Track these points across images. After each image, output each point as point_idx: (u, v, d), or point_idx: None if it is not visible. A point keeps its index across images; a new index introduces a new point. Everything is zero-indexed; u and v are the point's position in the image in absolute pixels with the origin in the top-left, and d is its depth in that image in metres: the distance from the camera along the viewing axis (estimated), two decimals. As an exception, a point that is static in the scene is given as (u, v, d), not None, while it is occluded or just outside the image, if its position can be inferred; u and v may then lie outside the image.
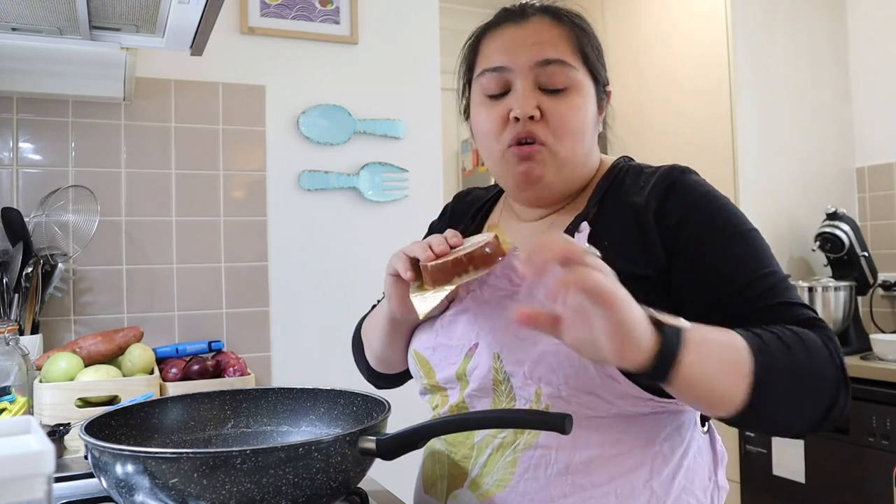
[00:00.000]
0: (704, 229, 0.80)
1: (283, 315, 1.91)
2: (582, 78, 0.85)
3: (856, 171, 2.67)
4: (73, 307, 1.71)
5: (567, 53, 0.85)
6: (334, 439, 0.69)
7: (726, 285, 0.78)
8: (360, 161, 2.00)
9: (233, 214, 1.87)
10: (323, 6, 1.97)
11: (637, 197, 0.83)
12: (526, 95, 0.83)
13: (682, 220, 0.80)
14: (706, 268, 0.79)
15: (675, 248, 0.80)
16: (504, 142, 0.85)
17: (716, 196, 0.84)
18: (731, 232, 0.80)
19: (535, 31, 0.86)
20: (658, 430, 0.80)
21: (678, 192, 0.82)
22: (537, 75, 0.84)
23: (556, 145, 0.84)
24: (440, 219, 1.09)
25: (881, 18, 2.59)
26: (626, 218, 0.82)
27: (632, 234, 0.81)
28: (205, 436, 0.90)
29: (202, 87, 1.86)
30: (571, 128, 0.84)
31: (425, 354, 0.90)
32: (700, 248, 0.79)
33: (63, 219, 1.70)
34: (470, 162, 3.68)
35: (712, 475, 0.86)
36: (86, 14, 1.16)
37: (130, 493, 0.67)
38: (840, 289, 2.29)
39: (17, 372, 1.22)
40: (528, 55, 0.84)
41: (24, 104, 1.70)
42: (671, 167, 0.86)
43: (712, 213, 0.81)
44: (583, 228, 0.83)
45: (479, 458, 0.83)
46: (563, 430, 0.67)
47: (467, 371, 0.84)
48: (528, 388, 0.79)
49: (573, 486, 0.77)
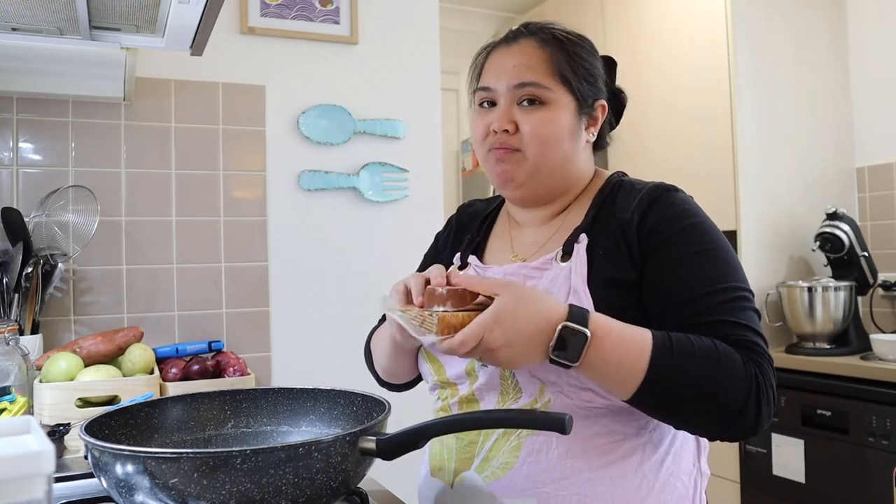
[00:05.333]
0: (674, 240, 0.88)
1: (283, 315, 1.91)
2: (558, 96, 0.95)
3: (856, 171, 2.67)
4: (73, 307, 1.71)
5: (543, 76, 0.94)
6: (334, 439, 0.69)
7: (678, 294, 0.85)
8: (360, 161, 2.00)
9: (233, 214, 1.87)
10: (323, 6, 1.97)
11: (625, 213, 0.92)
12: (503, 113, 0.95)
13: (656, 228, 0.89)
14: (666, 275, 0.87)
15: (646, 253, 0.88)
16: (486, 146, 0.97)
17: (693, 213, 0.91)
18: (697, 248, 0.88)
19: (519, 54, 0.96)
20: (647, 421, 0.88)
21: (659, 206, 0.91)
22: (515, 95, 0.95)
23: (527, 150, 0.94)
24: (445, 229, 1.17)
25: (881, 18, 2.59)
26: (615, 231, 0.91)
27: (620, 246, 0.90)
28: (205, 436, 0.90)
29: (202, 87, 1.86)
30: (542, 136, 0.94)
31: (435, 353, 0.96)
32: (665, 256, 0.87)
33: (63, 219, 1.69)
34: (470, 162, 3.68)
35: (696, 462, 0.94)
36: (86, 14, 1.16)
37: (130, 493, 0.67)
38: (840, 289, 2.29)
39: (17, 372, 1.22)
40: (507, 78, 0.95)
41: (24, 104, 1.70)
42: (657, 185, 0.94)
43: (685, 227, 0.89)
44: (581, 239, 0.92)
45: (485, 443, 0.89)
46: (563, 430, 0.68)
47: (476, 368, 0.91)
48: (532, 385, 0.87)
49: (572, 469, 0.85)
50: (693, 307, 0.84)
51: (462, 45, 3.77)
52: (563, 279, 0.90)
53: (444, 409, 0.98)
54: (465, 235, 1.10)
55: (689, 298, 0.85)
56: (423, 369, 1.00)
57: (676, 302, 0.85)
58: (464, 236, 1.10)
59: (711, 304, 0.84)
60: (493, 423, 0.78)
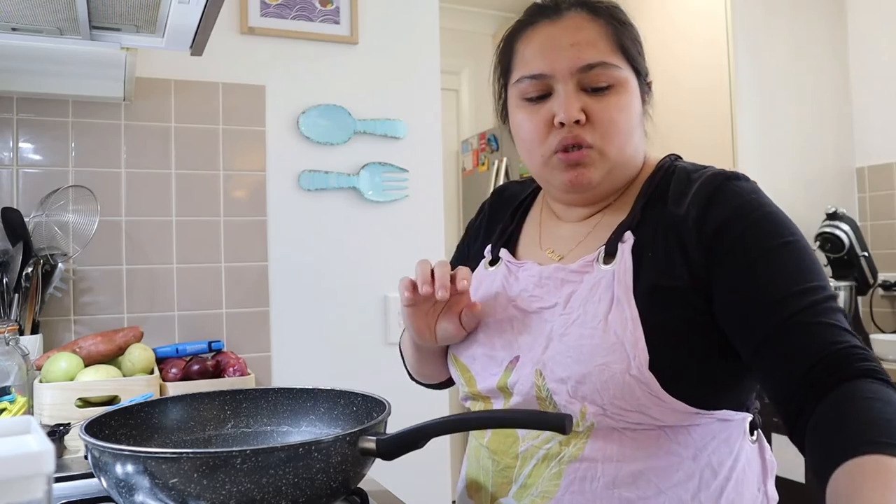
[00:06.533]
0: (748, 236, 0.75)
1: (283, 315, 1.91)
2: (626, 75, 0.82)
3: (856, 171, 2.67)
4: (73, 307, 1.71)
5: (608, 53, 0.81)
6: (334, 439, 0.69)
7: (762, 297, 0.73)
8: (360, 161, 2.00)
9: (233, 214, 1.87)
10: (323, 6, 1.97)
11: (678, 207, 0.79)
12: (570, 99, 0.80)
13: (721, 227, 0.76)
14: (742, 279, 0.74)
15: (713, 258, 0.76)
16: (549, 147, 0.83)
17: (761, 203, 0.78)
18: (777, 242, 0.75)
19: (572, 29, 0.82)
20: (706, 442, 0.78)
21: (720, 199, 0.78)
22: (579, 79, 0.81)
23: (604, 147, 0.81)
24: (477, 217, 1.06)
25: (881, 18, 2.59)
26: (667, 229, 0.79)
27: (672, 247, 0.78)
28: (205, 436, 0.90)
29: (202, 87, 1.86)
30: (619, 128, 0.81)
31: (465, 362, 0.89)
32: (741, 257, 0.75)
33: (63, 219, 1.69)
34: (470, 162, 3.68)
35: (761, 486, 0.84)
36: (86, 14, 1.16)
37: (130, 493, 0.67)
38: (840, 289, 2.29)
39: (17, 372, 1.22)
40: (567, 61, 0.80)
41: (24, 104, 1.70)
42: (716, 173, 0.81)
43: (758, 220, 0.76)
44: (626, 238, 0.80)
45: (523, 468, 0.81)
46: (562, 430, 0.67)
47: (509, 384, 0.82)
48: (572, 406, 0.77)
49: (620, 501, 0.75)
50: (781, 310, 0.71)
51: (462, 45, 3.77)
52: (605, 286, 0.79)
53: None
54: (498, 224, 0.98)
55: (777, 300, 0.72)
56: (454, 375, 0.93)
57: (763, 305, 0.72)
58: (496, 225, 0.99)
59: (802, 306, 0.71)
60: (495, 423, 0.77)
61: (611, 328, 0.76)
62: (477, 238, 1.02)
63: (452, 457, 2.19)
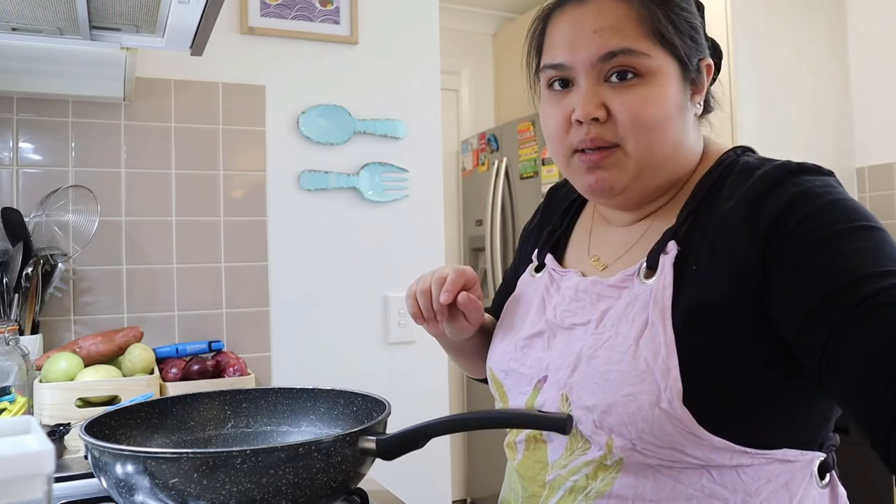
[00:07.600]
0: (804, 224, 0.64)
1: (283, 315, 1.91)
2: (659, 63, 0.72)
3: (856, 171, 2.67)
4: (73, 307, 1.71)
5: (636, 38, 0.71)
6: (334, 439, 0.69)
7: (828, 283, 0.61)
8: (360, 161, 2.00)
9: (233, 214, 1.87)
10: (323, 6, 1.97)
11: (728, 202, 0.69)
12: (588, 94, 0.72)
13: (777, 218, 0.65)
14: (803, 266, 0.63)
15: (768, 256, 0.65)
16: (569, 146, 0.75)
17: (825, 192, 0.66)
18: (842, 226, 0.63)
19: (598, 13, 0.73)
20: (759, 486, 0.67)
21: (776, 191, 0.66)
22: (601, 69, 0.72)
23: (627, 144, 0.72)
24: (532, 219, 0.99)
25: (881, 18, 2.59)
26: (715, 233, 0.69)
27: (719, 256, 0.68)
28: (205, 436, 0.90)
29: (202, 87, 1.86)
30: (646, 123, 0.71)
31: (499, 377, 0.85)
32: (798, 244, 0.63)
33: (63, 219, 1.69)
34: (470, 162, 3.68)
35: None
36: (86, 14, 1.16)
37: (130, 493, 0.67)
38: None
39: (17, 372, 1.22)
40: (588, 49, 0.72)
41: (24, 104, 1.70)
42: (779, 165, 0.69)
43: (815, 209, 0.64)
44: (669, 249, 0.70)
45: (549, 498, 0.75)
46: (563, 430, 0.67)
47: (535, 405, 0.76)
48: (598, 437, 0.70)
49: None
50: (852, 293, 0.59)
51: (462, 45, 3.77)
52: (640, 305, 0.69)
53: (509, 446, 0.84)
54: (548, 225, 0.91)
55: (848, 282, 0.60)
56: (491, 389, 0.88)
57: (831, 291, 0.60)
58: (548, 224, 0.91)
59: (880, 288, 0.59)
60: (494, 423, 0.77)
61: (641, 354, 0.67)
62: (529, 240, 0.96)
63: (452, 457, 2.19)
